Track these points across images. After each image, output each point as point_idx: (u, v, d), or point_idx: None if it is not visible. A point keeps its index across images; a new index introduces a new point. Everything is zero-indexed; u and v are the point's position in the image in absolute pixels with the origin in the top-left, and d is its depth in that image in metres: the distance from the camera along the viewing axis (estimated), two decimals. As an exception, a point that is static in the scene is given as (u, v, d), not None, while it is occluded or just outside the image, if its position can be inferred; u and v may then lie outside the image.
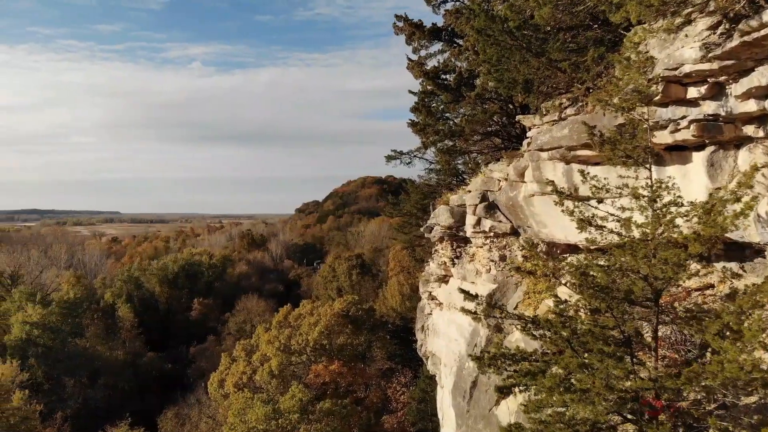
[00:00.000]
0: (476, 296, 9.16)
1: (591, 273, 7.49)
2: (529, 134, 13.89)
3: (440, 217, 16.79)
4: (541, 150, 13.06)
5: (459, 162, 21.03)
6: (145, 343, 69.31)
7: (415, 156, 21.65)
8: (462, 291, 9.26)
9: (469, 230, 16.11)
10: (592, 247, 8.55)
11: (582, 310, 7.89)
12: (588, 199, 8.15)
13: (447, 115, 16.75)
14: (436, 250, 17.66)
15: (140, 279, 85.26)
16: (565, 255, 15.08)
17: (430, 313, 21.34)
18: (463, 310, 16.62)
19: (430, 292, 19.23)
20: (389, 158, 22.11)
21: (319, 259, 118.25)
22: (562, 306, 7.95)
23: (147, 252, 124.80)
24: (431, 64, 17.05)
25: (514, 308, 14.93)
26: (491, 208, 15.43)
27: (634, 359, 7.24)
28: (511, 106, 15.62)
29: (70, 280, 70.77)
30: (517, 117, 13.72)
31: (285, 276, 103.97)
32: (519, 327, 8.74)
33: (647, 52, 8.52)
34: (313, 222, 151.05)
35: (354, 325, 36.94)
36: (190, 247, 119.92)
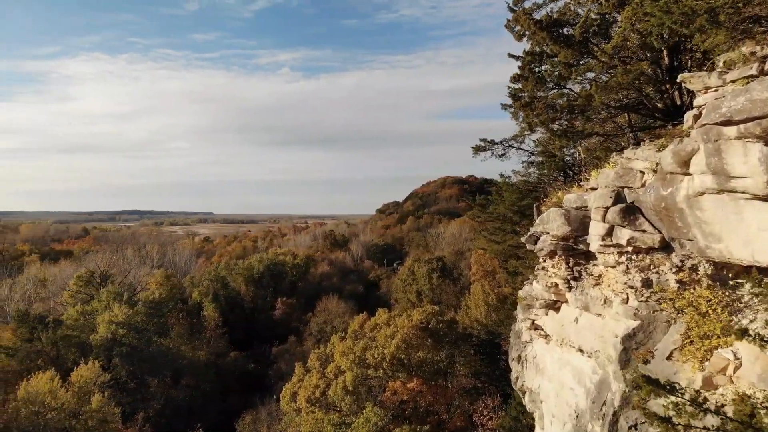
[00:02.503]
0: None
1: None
2: (698, 102, 9.02)
3: (550, 223, 12.19)
4: (726, 124, 8.18)
5: (568, 153, 16.27)
6: (228, 343, 68.48)
7: (510, 146, 17.17)
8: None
9: (594, 242, 11.37)
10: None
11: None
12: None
13: (563, 83, 12.14)
14: (543, 267, 13.04)
15: (227, 278, 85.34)
16: (740, 281, 10.03)
17: (530, 341, 16.60)
18: (581, 351, 11.84)
19: (533, 321, 14.58)
20: (477, 149, 17.71)
21: (399, 259, 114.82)
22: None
23: (236, 251, 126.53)
24: (542, 13, 12.59)
25: (667, 357, 10.07)
26: (630, 213, 10.62)
27: None
28: (658, 71, 10.80)
29: (158, 280, 71.31)
30: (681, 76, 8.92)
31: (365, 276, 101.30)
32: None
33: None
34: (393, 222, 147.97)
35: (434, 338, 32.56)
36: (276, 247, 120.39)
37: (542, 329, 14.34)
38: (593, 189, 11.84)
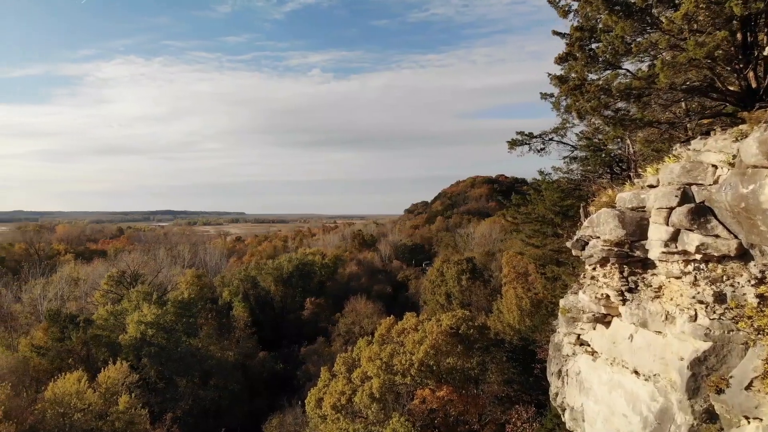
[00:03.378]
0: None
1: None
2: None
3: (601, 226, 10.60)
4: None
5: (616, 146, 14.51)
6: (257, 343, 68.03)
7: (550, 139, 15.51)
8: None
9: (655, 249, 9.74)
10: None
11: None
12: None
13: (619, 62, 10.45)
14: (592, 277, 11.43)
15: (257, 278, 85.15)
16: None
17: (572, 356, 14.94)
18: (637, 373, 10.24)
19: (579, 335, 12.95)
20: (513, 144, 16.14)
21: (428, 260, 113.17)
22: None
23: (266, 251, 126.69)
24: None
25: (746, 387, 8.42)
26: (700, 214, 8.97)
27: None
28: (731, 47, 9.11)
29: (188, 280, 71.28)
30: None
31: (393, 277, 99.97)
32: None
33: None
34: (421, 222, 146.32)
35: (465, 344, 30.98)
36: (305, 247, 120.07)
37: (589, 345, 12.72)
38: (652, 186, 10.21)
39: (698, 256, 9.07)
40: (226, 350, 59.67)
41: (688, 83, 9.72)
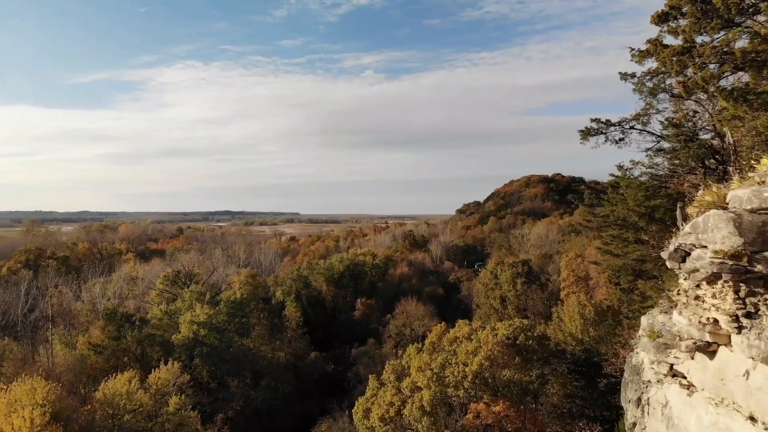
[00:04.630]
0: None
1: None
2: None
3: (710, 233, 8.37)
4: None
5: (709, 136, 12.02)
6: (309, 343, 67.50)
7: (631, 127, 13.13)
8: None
9: (788, 264, 7.43)
10: None
11: None
12: None
13: (744, 17, 8.10)
14: (697, 297, 9.17)
15: (309, 278, 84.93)
16: None
17: (658, 383, 12.56)
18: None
19: (672, 365, 10.65)
20: (587, 133, 13.87)
21: (480, 261, 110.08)
22: None
23: (319, 251, 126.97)
24: None
25: None
26: None
27: None
28: None
29: (242, 279, 71.55)
30: None
31: (445, 278, 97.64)
32: None
33: None
34: (474, 223, 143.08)
35: (523, 355, 28.60)
36: (356, 247, 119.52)
37: (684, 377, 10.41)
38: (781, 183, 7.89)
39: None
40: (278, 351, 59.26)
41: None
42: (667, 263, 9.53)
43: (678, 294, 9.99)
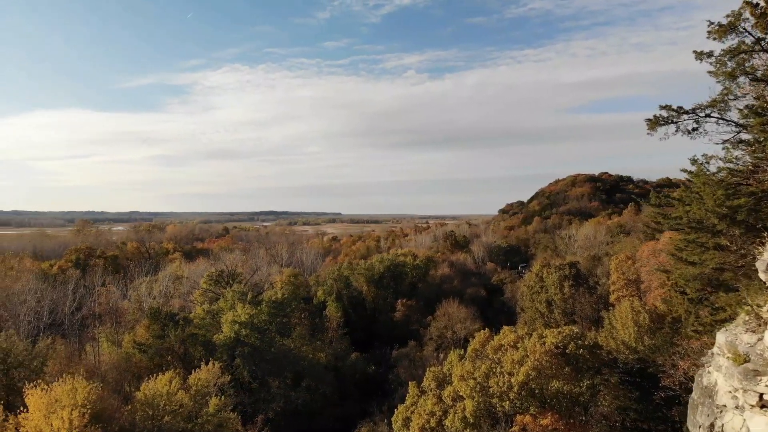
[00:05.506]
0: None
1: None
2: None
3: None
4: None
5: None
6: (350, 344, 66.87)
7: (707, 115, 11.45)
8: None
9: None
10: None
11: None
12: None
13: None
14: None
15: (349, 278, 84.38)
16: None
17: (735, 409, 10.86)
18: None
19: (762, 395, 9.01)
20: (655, 123, 12.25)
21: (524, 263, 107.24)
22: None
23: (359, 251, 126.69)
24: None
25: None
26: None
27: None
28: None
29: (283, 279, 71.55)
30: None
31: (487, 280, 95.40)
32: None
33: None
34: (517, 223, 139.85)
35: (573, 365, 26.78)
36: (397, 248, 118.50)
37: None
38: None
39: None
40: (319, 351, 58.78)
41: None
42: (761, 275, 7.94)
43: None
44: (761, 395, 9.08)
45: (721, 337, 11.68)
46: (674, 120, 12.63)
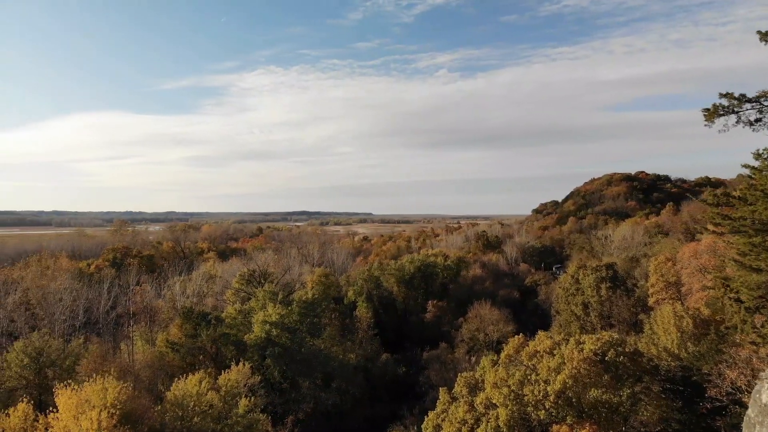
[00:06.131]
0: None
1: None
2: None
3: None
4: None
5: None
6: (380, 344, 66.19)
7: (772, 103, 10.24)
8: None
9: None
10: None
11: None
12: None
13: None
14: None
15: (379, 278, 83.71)
16: None
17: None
18: None
19: None
20: (714, 113, 11.09)
21: (559, 263, 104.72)
22: None
23: (390, 251, 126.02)
24: None
25: None
26: None
27: None
28: None
29: (314, 279, 71.35)
30: None
31: (520, 281, 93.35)
32: None
33: None
34: (551, 223, 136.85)
35: (613, 374, 25.37)
36: (427, 248, 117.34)
37: None
38: None
39: None
40: (349, 352, 58.27)
41: None
42: None
43: None
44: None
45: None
46: (735, 109, 11.41)
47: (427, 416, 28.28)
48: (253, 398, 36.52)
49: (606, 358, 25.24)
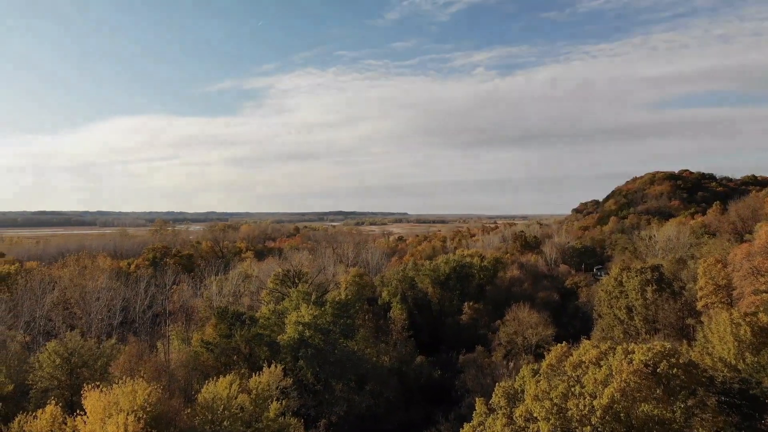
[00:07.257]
0: None
1: None
2: None
3: None
4: None
5: None
6: (415, 346, 64.67)
7: None
8: None
9: None
10: None
11: None
12: None
13: None
14: None
15: (414, 279, 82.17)
16: None
17: None
18: None
19: None
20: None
21: (600, 264, 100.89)
22: None
23: (425, 251, 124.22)
24: None
25: None
26: None
27: None
28: None
29: (348, 279, 70.44)
30: None
31: (560, 283, 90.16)
32: None
33: None
34: (592, 223, 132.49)
35: (664, 387, 23.24)
36: (463, 248, 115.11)
37: None
38: None
39: None
40: (383, 354, 57.01)
41: None
42: None
43: None
44: None
45: None
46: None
47: (463, 429, 26.65)
48: (284, 401, 35.62)
49: (658, 370, 23.13)
